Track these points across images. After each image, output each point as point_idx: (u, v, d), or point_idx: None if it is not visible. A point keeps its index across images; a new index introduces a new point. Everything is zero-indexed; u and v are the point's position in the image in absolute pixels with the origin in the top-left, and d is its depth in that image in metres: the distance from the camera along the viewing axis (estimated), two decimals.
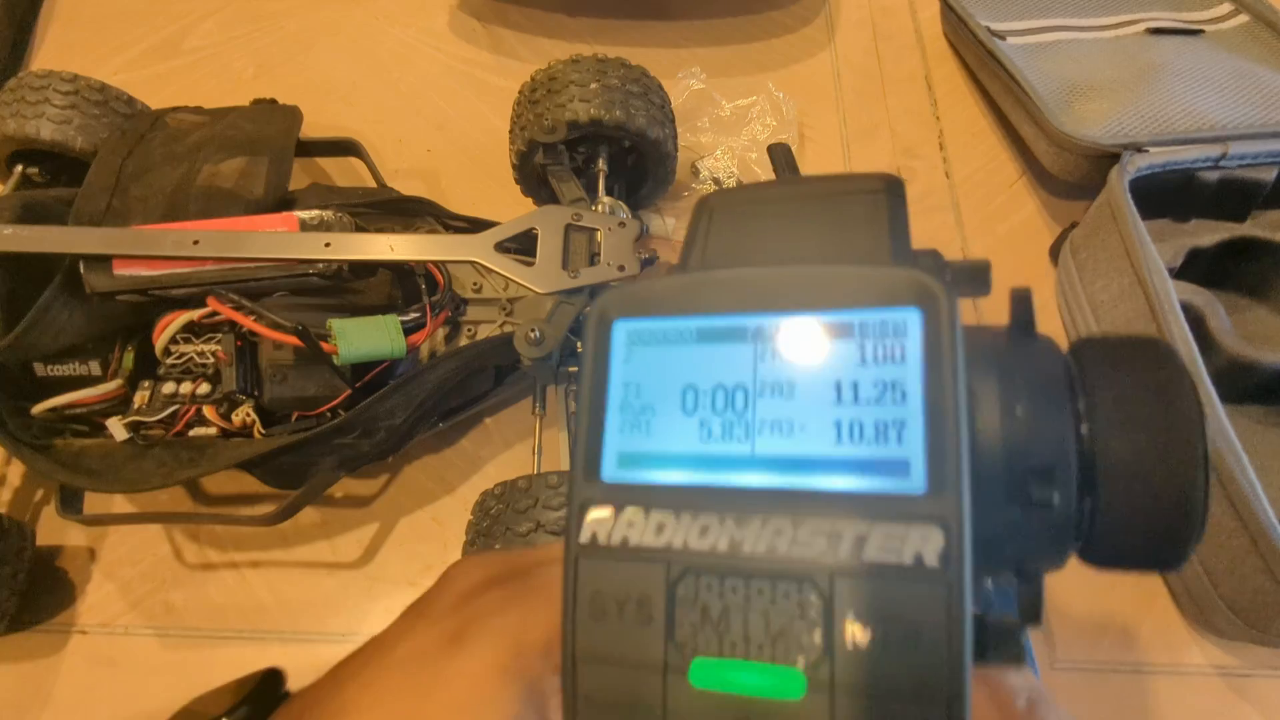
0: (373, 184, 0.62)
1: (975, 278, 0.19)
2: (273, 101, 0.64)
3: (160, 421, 0.49)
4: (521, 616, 0.25)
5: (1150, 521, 0.17)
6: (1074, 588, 0.50)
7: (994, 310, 0.21)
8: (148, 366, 0.51)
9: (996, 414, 0.17)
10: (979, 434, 0.17)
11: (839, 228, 0.19)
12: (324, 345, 0.46)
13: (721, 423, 0.17)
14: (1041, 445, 0.17)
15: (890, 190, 0.19)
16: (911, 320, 0.16)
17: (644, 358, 0.18)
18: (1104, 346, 0.18)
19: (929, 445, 0.16)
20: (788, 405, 0.17)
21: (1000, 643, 0.18)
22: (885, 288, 0.17)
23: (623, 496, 0.17)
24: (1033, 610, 0.18)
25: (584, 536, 0.17)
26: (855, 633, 0.15)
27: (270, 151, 0.56)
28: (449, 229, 0.56)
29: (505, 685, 0.23)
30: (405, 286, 0.53)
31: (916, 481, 0.16)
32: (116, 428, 0.48)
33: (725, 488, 0.17)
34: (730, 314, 0.18)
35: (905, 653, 0.15)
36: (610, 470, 0.18)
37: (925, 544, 0.15)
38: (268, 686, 0.27)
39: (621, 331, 0.19)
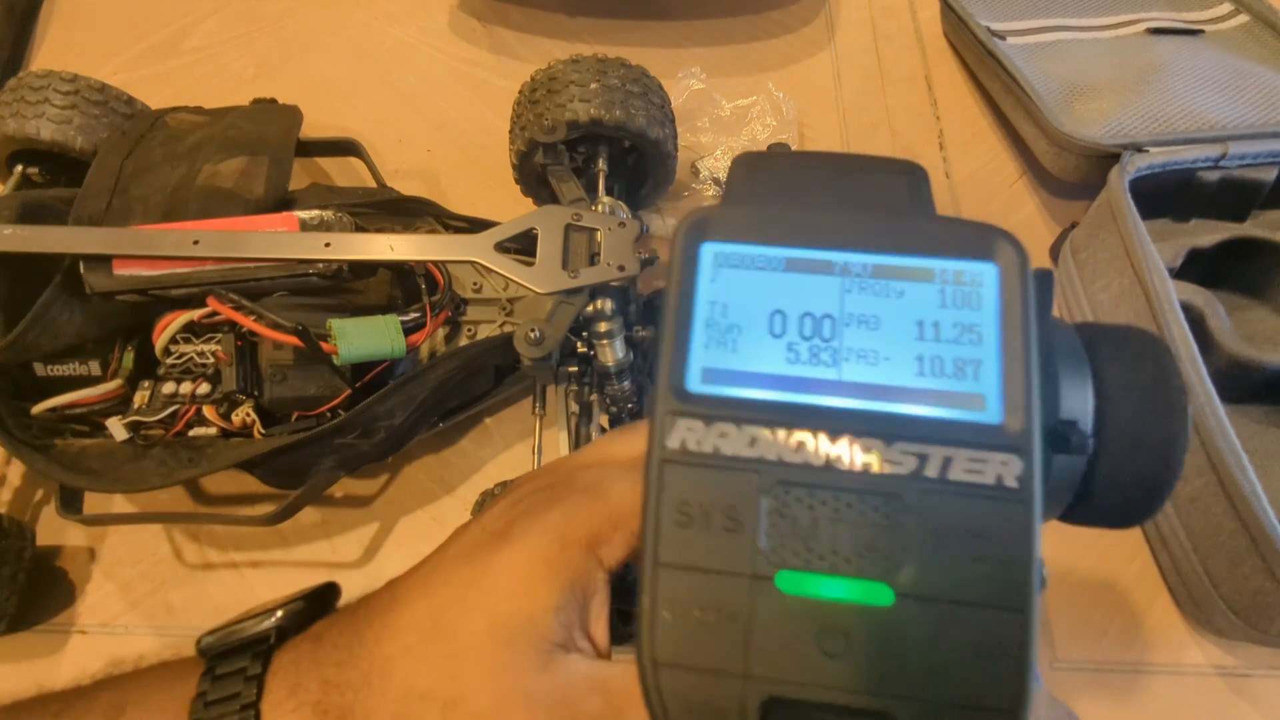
0: (373, 184, 0.62)
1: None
2: (273, 101, 0.64)
3: (160, 421, 0.49)
4: (566, 514, 0.26)
5: (1140, 471, 0.19)
6: (1074, 588, 0.50)
7: None
8: (148, 366, 0.51)
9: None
10: None
11: (880, 191, 0.20)
12: (324, 345, 0.46)
13: (809, 347, 0.18)
14: (1070, 400, 0.19)
15: (919, 173, 0.21)
16: (989, 273, 0.18)
17: (731, 279, 0.19)
18: (1103, 328, 0.20)
19: (1004, 382, 0.17)
20: (873, 336, 0.18)
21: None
22: (968, 241, 0.18)
23: (712, 408, 0.18)
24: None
25: (672, 443, 0.18)
26: (940, 545, 0.16)
27: (270, 151, 0.56)
28: (449, 229, 0.56)
29: (548, 576, 0.24)
30: (405, 286, 0.53)
31: (993, 414, 0.17)
32: (116, 428, 0.48)
33: (814, 406, 0.18)
34: (819, 248, 0.19)
35: (986, 565, 0.16)
36: (697, 384, 0.18)
37: (1005, 468, 0.17)
38: (326, 591, 0.29)
39: (709, 253, 0.19)
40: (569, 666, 0.23)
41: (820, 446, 0.17)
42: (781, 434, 0.17)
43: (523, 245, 0.48)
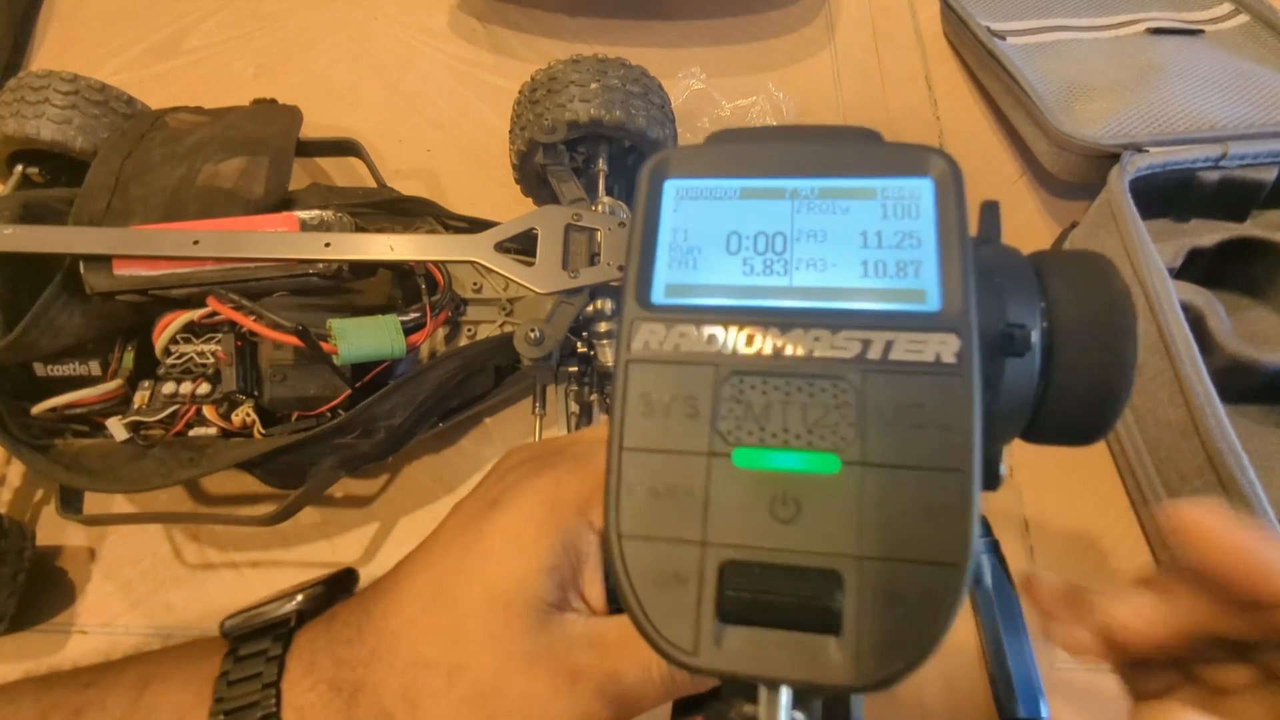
0: (373, 184, 0.62)
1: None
2: (273, 101, 0.64)
3: (160, 421, 0.49)
4: (556, 478, 0.27)
5: (1094, 384, 0.20)
6: None
7: None
8: (148, 366, 0.51)
9: (981, 281, 0.20)
10: None
11: (835, 142, 0.22)
12: (324, 345, 0.46)
13: (762, 260, 0.20)
14: (1016, 307, 0.20)
15: (873, 136, 0.22)
16: (926, 186, 0.20)
17: (691, 209, 0.21)
18: (1053, 252, 0.22)
19: (942, 277, 0.19)
20: (821, 247, 0.20)
21: (988, 471, 0.20)
22: (906, 160, 0.20)
23: (673, 315, 0.20)
24: (992, 476, 0.21)
25: (636, 345, 0.20)
26: (884, 417, 0.18)
27: (270, 151, 0.56)
28: (449, 229, 0.56)
29: (539, 536, 0.25)
30: (405, 286, 0.53)
31: (932, 304, 0.19)
32: (116, 428, 0.48)
33: (767, 308, 0.19)
34: (771, 177, 0.21)
35: (927, 432, 0.17)
36: (661, 297, 0.20)
37: (943, 346, 0.18)
38: (345, 576, 0.31)
39: (671, 188, 0.21)
40: (564, 625, 0.25)
41: (772, 340, 0.19)
42: (736, 331, 0.19)
43: (523, 245, 0.48)
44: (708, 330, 0.19)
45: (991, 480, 0.21)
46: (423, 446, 0.56)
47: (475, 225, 0.55)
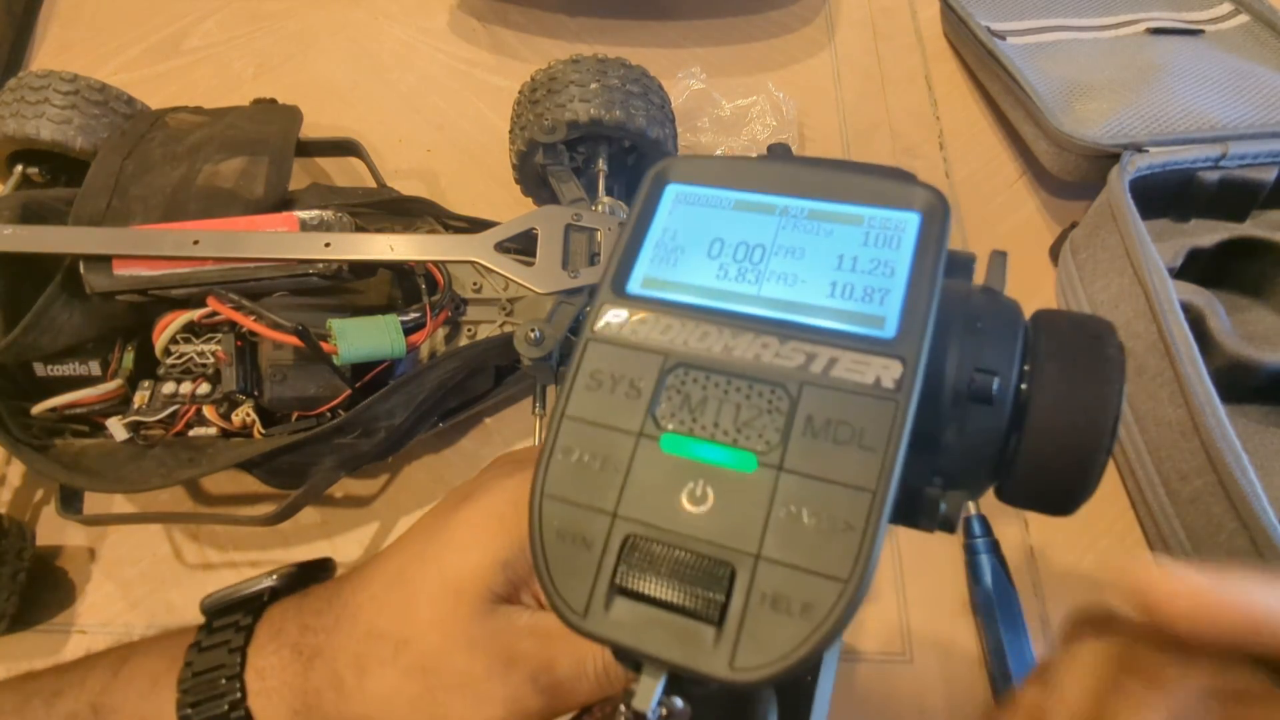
0: (373, 184, 0.62)
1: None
2: (273, 101, 0.64)
3: (160, 421, 0.49)
4: (524, 479, 0.28)
5: (1064, 451, 0.19)
6: (1074, 588, 0.50)
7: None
8: (148, 366, 0.51)
9: (961, 323, 0.20)
10: (944, 329, 0.20)
11: (845, 171, 0.22)
12: (324, 345, 0.46)
13: (737, 268, 0.21)
14: (991, 354, 0.20)
15: (907, 175, 0.22)
16: (912, 220, 0.20)
17: (684, 213, 0.22)
18: (1058, 319, 0.21)
19: (905, 307, 0.19)
20: (795, 263, 0.21)
21: (926, 511, 0.21)
22: (898, 194, 0.21)
23: (639, 304, 0.21)
24: (950, 523, 0.21)
25: (599, 325, 0.21)
26: (809, 428, 0.18)
27: (270, 151, 0.56)
28: (449, 229, 0.56)
29: (499, 532, 0.27)
30: (405, 286, 0.53)
31: (888, 331, 0.19)
32: (116, 428, 0.48)
33: (727, 311, 0.20)
34: (766, 193, 0.22)
35: (847, 449, 0.18)
36: (635, 287, 0.21)
37: (885, 371, 0.18)
38: (323, 563, 0.33)
39: (672, 192, 0.22)
40: (509, 615, 0.26)
41: (723, 341, 0.20)
42: (693, 327, 0.20)
43: (523, 245, 0.48)
44: (666, 322, 0.20)
45: (931, 521, 0.21)
46: (423, 446, 0.56)
47: (475, 225, 0.55)
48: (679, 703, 0.19)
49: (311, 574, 0.32)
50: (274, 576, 0.31)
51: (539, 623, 0.26)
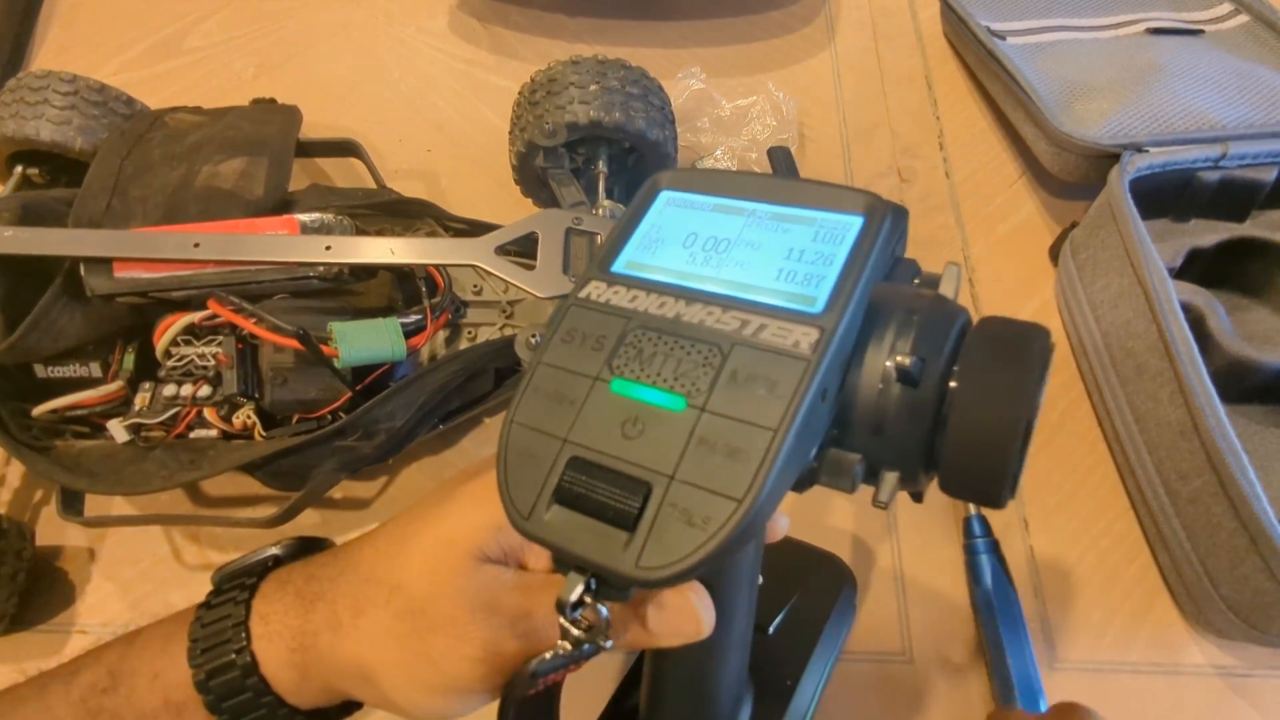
0: (373, 184, 0.62)
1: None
2: (273, 101, 0.64)
3: (161, 423, 0.49)
4: None
5: (981, 445, 0.22)
6: (1074, 588, 0.50)
7: (996, 304, 0.22)
8: (148, 368, 0.51)
9: (901, 314, 0.23)
10: (882, 320, 0.23)
11: (815, 186, 0.26)
12: (325, 348, 0.46)
13: (704, 256, 0.25)
14: (922, 342, 0.22)
15: (904, 212, 0.25)
16: (855, 222, 0.24)
17: (670, 214, 0.26)
18: (995, 323, 0.23)
19: (834, 290, 0.22)
20: (752, 253, 0.24)
21: (835, 470, 0.23)
22: (849, 200, 0.24)
23: (617, 280, 0.25)
24: (882, 501, 0.24)
25: (581, 295, 0.25)
26: (733, 378, 0.22)
27: (270, 152, 0.56)
28: (449, 231, 0.56)
29: (498, 500, 0.27)
30: (405, 289, 0.53)
31: (816, 307, 0.22)
32: (117, 429, 0.48)
33: (688, 287, 0.24)
34: (741, 199, 0.26)
35: (760, 396, 0.21)
36: (618, 267, 0.25)
37: (804, 337, 0.21)
38: (320, 541, 0.35)
39: (664, 197, 0.27)
40: (497, 572, 0.29)
41: (676, 308, 0.23)
42: (654, 298, 0.24)
43: (523, 248, 0.48)
44: (634, 293, 0.24)
45: (845, 481, 0.23)
46: (423, 448, 0.56)
47: (475, 227, 0.55)
48: (603, 611, 0.23)
49: (312, 547, 0.35)
50: (279, 546, 0.34)
51: (522, 581, 0.29)
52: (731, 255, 0.24)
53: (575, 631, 0.24)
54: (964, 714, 0.47)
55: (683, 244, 0.25)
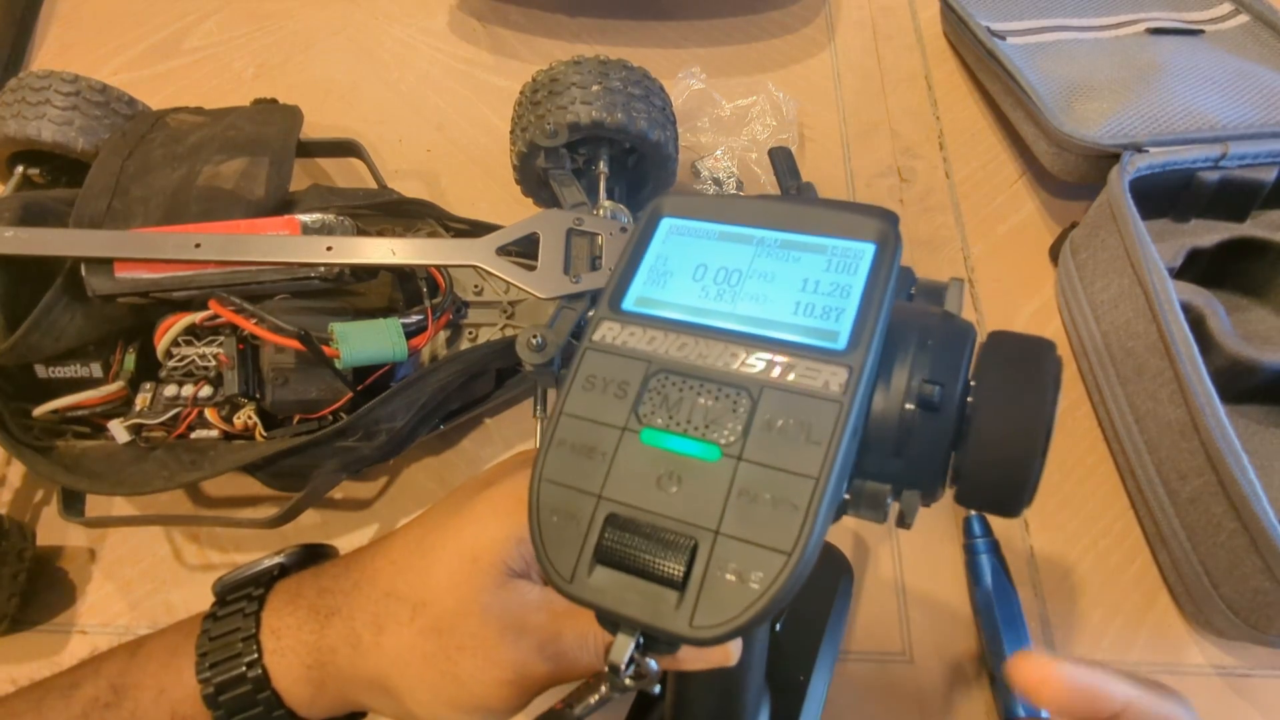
0: (373, 184, 0.62)
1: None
2: (273, 101, 0.64)
3: (162, 424, 0.49)
4: None
5: (1002, 461, 0.22)
6: (1074, 588, 0.50)
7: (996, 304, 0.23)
8: (149, 369, 0.51)
9: (916, 341, 0.23)
10: (898, 345, 0.23)
11: (821, 207, 0.26)
12: (326, 349, 0.46)
13: (717, 289, 0.24)
14: (938, 368, 0.22)
15: (892, 216, 0.25)
16: (868, 250, 0.23)
17: (675, 242, 0.25)
18: (1005, 339, 0.23)
19: (855, 324, 0.22)
20: (766, 286, 0.24)
21: (871, 504, 0.23)
22: (857, 226, 0.24)
23: (631, 319, 0.24)
24: (906, 519, 0.24)
25: (595, 337, 0.24)
26: (766, 424, 0.21)
27: (271, 152, 0.56)
28: (449, 231, 0.56)
29: (517, 511, 0.29)
30: (406, 289, 0.53)
31: (840, 343, 0.22)
32: (118, 430, 0.48)
33: (705, 325, 0.23)
34: (746, 225, 0.25)
35: (796, 442, 0.21)
36: (629, 304, 0.24)
37: (833, 377, 0.21)
38: (323, 547, 0.34)
39: (666, 225, 0.26)
40: (522, 589, 0.28)
41: (698, 349, 0.23)
42: (673, 338, 0.23)
43: (524, 249, 0.48)
44: (652, 334, 0.23)
45: (878, 513, 0.23)
46: (424, 448, 0.56)
47: (476, 227, 0.55)
48: (653, 664, 0.23)
49: (317, 554, 0.34)
50: (283, 554, 0.32)
51: (548, 597, 0.28)
52: (745, 288, 0.24)
53: (627, 683, 0.23)
54: (964, 714, 0.47)
55: (693, 276, 0.24)
